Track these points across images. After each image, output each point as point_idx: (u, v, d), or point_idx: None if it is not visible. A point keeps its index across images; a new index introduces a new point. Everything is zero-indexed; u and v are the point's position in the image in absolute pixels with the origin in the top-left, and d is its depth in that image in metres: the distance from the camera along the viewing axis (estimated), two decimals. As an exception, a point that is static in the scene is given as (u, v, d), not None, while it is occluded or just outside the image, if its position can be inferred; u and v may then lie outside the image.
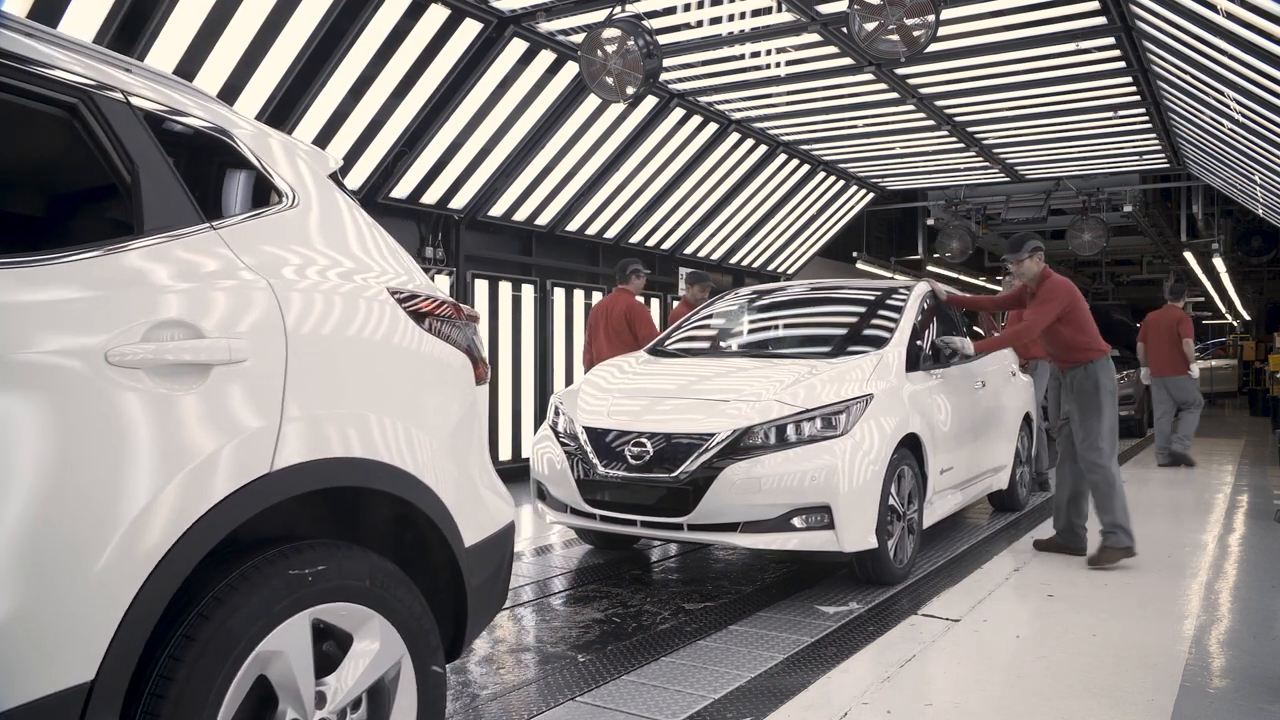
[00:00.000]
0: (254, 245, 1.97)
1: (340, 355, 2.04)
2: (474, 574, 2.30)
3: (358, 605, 1.97)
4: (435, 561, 2.26)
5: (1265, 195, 10.27)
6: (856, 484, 4.35)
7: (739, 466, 4.29)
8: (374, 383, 2.10)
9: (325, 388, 1.97)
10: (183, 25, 5.24)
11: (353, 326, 2.08)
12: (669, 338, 6.04)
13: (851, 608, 4.35)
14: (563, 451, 4.76)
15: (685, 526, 4.39)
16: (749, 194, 11.14)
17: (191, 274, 1.81)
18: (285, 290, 1.95)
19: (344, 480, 1.98)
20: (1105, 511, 5.14)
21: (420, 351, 2.24)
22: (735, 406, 4.50)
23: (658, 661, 3.65)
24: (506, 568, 2.55)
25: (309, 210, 2.17)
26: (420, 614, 2.10)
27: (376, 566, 2.02)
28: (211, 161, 2.09)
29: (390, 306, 2.18)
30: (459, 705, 3.24)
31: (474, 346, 2.46)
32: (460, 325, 2.41)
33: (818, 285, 6.57)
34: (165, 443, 1.67)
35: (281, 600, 1.82)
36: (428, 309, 2.29)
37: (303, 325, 1.95)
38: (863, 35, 5.62)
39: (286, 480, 1.85)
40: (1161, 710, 3.16)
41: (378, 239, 2.34)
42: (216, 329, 1.78)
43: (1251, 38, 5.12)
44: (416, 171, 7.37)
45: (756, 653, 3.74)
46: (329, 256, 2.13)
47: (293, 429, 1.86)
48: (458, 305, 2.43)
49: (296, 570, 1.86)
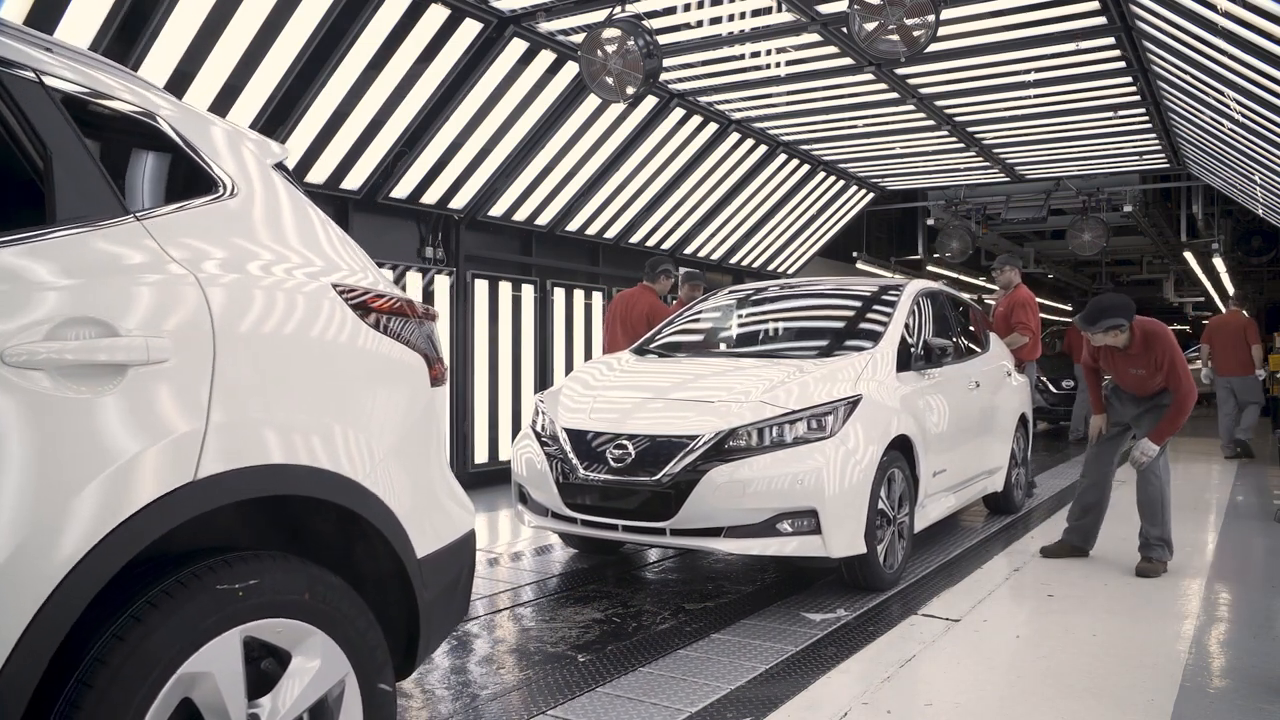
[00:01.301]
0: (184, 237, 1.84)
1: (276, 355, 1.91)
2: (428, 586, 2.18)
3: (295, 621, 1.85)
4: (385, 573, 2.15)
5: (1265, 195, 10.26)
6: (844, 487, 4.24)
7: (723, 469, 4.19)
8: (314, 385, 1.98)
9: (258, 390, 1.85)
10: (182, 25, 5.24)
11: (291, 325, 1.95)
12: (655, 337, 5.95)
13: (840, 614, 4.27)
14: (543, 453, 4.66)
15: (668, 531, 4.29)
16: (749, 194, 11.13)
17: (109, 268, 1.69)
18: (216, 286, 1.82)
19: (279, 489, 1.87)
20: (1158, 524, 5.03)
21: (368, 351, 2.12)
22: (720, 408, 4.41)
23: (635, 672, 3.63)
24: (466, 578, 2.43)
25: (250, 201, 2.04)
26: (366, 629, 2.00)
27: (317, 579, 1.90)
28: (138, 148, 1.95)
29: (335, 304, 2.06)
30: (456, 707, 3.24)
31: (430, 346, 2.34)
32: (416, 323, 2.29)
33: (808, 284, 6.45)
34: (73, 448, 1.55)
35: (208, 617, 1.70)
36: (378, 306, 2.17)
37: (234, 323, 1.82)
38: (863, 35, 5.62)
39: (213, 489, 1.73)
40: (1161, 710, 3.16)
41: (327, 233, 2.22)
42: (136, 327, 1.66)
43: (1251, 38, 5.12)
44: (416, 171, 7.37)
45: (740, 662, 3.74)
46: (269, 250, 2.01)
47: (220, 434, 1.74)
48: (412, 302, 2.32)
49: (225, 585, 1.74)
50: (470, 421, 8.15)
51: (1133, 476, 5.19)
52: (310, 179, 6.75)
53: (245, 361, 1.83)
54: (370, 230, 7.50)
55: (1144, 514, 5.11)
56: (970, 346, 6.35)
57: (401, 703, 3.28)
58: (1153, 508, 5.06)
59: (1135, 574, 4.99)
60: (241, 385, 1.81)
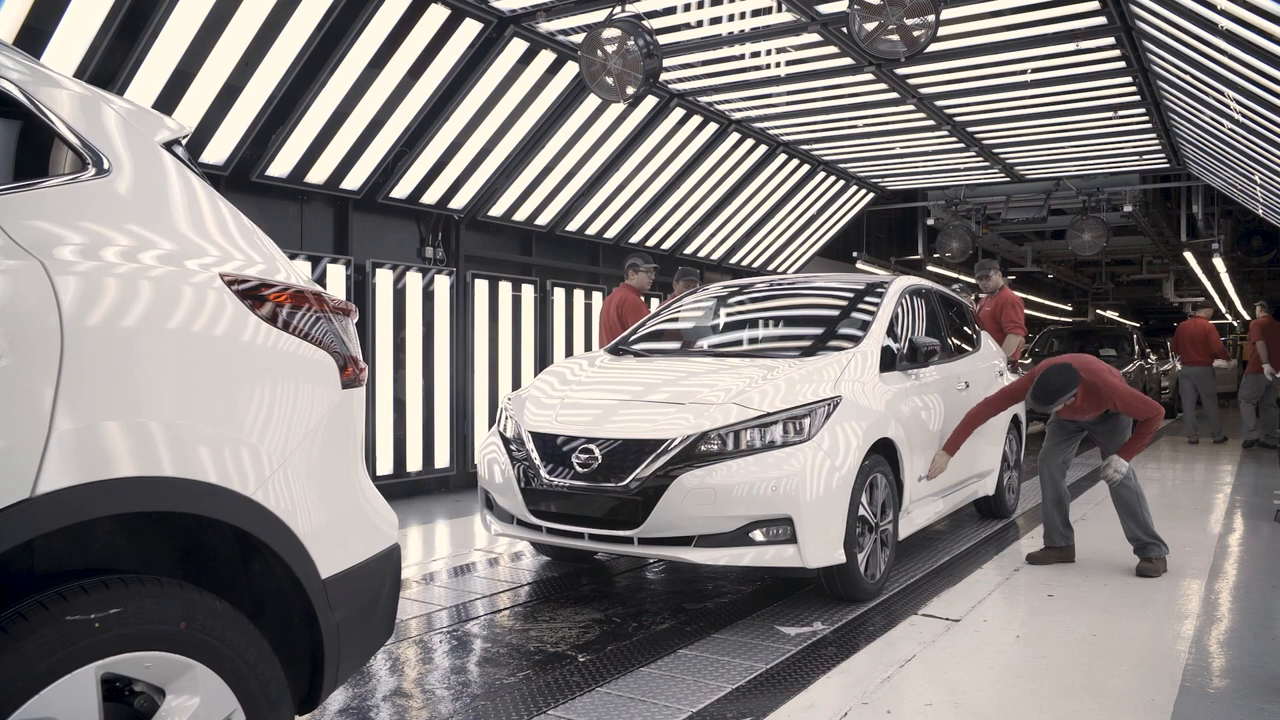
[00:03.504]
0: (31, 219, 1.61)
1: (141, 353, 1.67)
2: (336, 607, 1.98)
3: (169, 654, 1.64)
4: (286, 595, 1.95)
5: (1265, 195, 10.27)
6: (821, 494, 4.04)
7: (693, 475, 3.99)
8: (189, 386, 1.74)
9: (119, 393, 1.62)
10: (183, 25, 5.24)
11: (161, 318, 1.72)
12: (632, 336, 5.74)
13: (816, 628, 4.06)
14: (508, 458, 4.47)
15: (635, 540, 4.09)
16: (749, 194, 11.14)
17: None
18: (68, 275, 1.59)
19: (144, 505, 1.65)
20: (1141, 524, 5.05)
21: (261, 348, 1.91)
22: (690, 410, 4.21)
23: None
24: (387, 598, 2.21)
25: (124, 181, 1.83)
26: (257, 660, 1.78)
27: (197, 606, 1.70)
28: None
29: (222, 295, 1.84)
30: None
31: (342, 343, 2.13)
32: (324, 318, 2.08)
33: (793, 281, 6.25)
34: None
35: (53, 654, 1.48)
36: (275, 298, 1.95)
37: (87, 316, 1.59)
38: (863, 35, 5.62)
39: (55, 507, 1.50)
40: (1161, 710, 3.16)
41: (222, 219, 2.00)
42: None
43: (1252, 38, 5.12)
44: (416, 171, 7.37)
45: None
46: (142, 236, 1.79)
47: (67, 444, 1.52)
48: (320, 295, 2.10)
49: (78, 615, 1.52)
50: (470, 422, 8.15)
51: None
52: (310, 179, 6.75)
53: (102, 361, 1.61)
54: (370, 230, 7.51)
55: (1124, 518, 5.12)
56: (960, 345, 6.18)
57: (401, 703, 3.28)
58: (1130, 510, 5.07)
59: (1136, 574, 4.99)
60: (96, 388, 1.59)
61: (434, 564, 5.41)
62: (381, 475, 7.28)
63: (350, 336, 2.18)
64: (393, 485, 7.36)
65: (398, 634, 4.05)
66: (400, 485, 7.46)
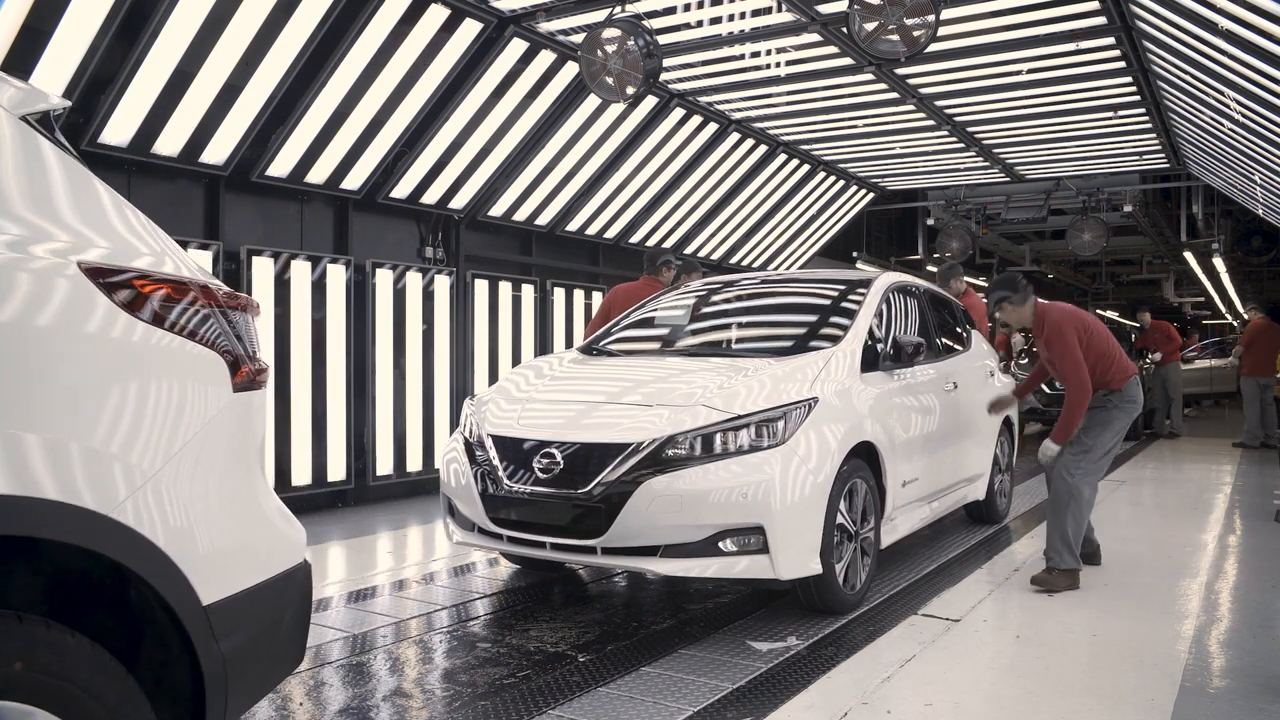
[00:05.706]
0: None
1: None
2: (224, 637, 1.75)
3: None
4: (162, 625, 1.72)
5: (1265, 195, 10.27)
6: (795, 500, 3.82)
7: (658, 481, 3.78)
8: (35, 390, 1.51)
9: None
10: (183, 25, 5.24)
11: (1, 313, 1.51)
12: (604, 335, 5.50)
13: (791, 643, 3.85)
14: (469, 463, 4.27)
15: (598, 550, 3.89)
16: (749, 194, 11.14)
17: None
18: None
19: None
20: (1056, 526, 4.72)
21: (125, 345, 1.67)
22: (658, 412, 4.00)
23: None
24: (292, 622, 2.00)
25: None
26: (118, 702, 1.56)
27: (39, 644, 1.47)
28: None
29: (81, 287, 1.61)
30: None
31: (233, 341, 1.90)
32: (215, 313, 1.86)
33: (775, 278, 6.04)
34: None
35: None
36: (149, 290, 1.73)
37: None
38: (863, 35, 5.62)
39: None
40: (1161, 710, 3.16)
41: (96, 204, 1.79)
42: None
43: (1252, 38, 5.13)
44: (416, 171, 7.38)
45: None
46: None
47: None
48: (207, 288, 1.87)
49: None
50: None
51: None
52: (310, 179, 6.75)
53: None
54: (370, 230, 7.51)
55: (1048, 514, 4.85)
56: (949, 344, 5.96)
57: (401, 703, 3.29)
58: (1053, 507, 4.80)
59: (1030, 583, 4.70)
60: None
61: (434, 564, 5.41)
62: (382, 475, 7.28)
63: (248, 333, 1.97)
64: (393, 485, 7.36)
65: (399, 634, 4.05)
66: (400, 485, 7.46)
